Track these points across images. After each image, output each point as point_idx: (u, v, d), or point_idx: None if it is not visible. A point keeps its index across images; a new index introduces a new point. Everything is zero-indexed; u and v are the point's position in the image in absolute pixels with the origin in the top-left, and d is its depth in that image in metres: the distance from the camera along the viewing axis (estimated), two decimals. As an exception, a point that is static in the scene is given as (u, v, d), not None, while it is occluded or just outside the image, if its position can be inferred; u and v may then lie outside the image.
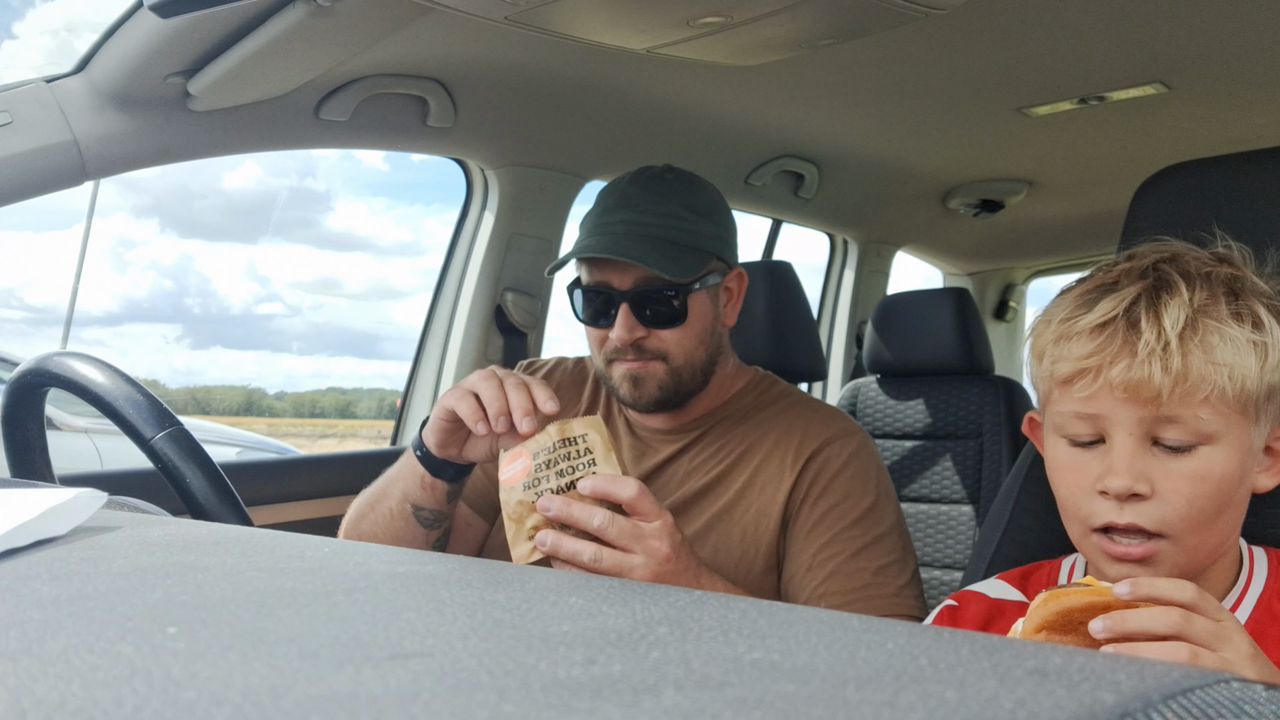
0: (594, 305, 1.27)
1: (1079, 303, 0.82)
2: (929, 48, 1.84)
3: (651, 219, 1.24)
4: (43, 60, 21.23)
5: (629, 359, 1.25)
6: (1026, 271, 4.14)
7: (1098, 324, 0.79)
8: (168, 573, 0.45)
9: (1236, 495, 0.80)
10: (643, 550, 0.98)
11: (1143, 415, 0.77)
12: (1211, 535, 0.79)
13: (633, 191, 1.27)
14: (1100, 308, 0.79)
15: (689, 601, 0.39)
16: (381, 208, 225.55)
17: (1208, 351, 0.76)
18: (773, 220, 3.09)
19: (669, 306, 1.24)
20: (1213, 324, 0.77)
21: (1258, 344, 0.77)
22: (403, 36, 1.62)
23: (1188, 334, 0.76)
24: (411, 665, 0.30)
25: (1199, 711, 0.26)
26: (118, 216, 59.50)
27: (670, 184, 1.29)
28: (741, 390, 1.36)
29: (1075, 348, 0.79)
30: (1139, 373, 0.76)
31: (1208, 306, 0.78)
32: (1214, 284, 0.79)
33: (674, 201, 1.26)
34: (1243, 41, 1.81)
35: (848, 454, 1.26)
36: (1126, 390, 0.77)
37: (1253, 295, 0.80)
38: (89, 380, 0.95)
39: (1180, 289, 0.78)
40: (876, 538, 1.21)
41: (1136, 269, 0.82)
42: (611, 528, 0.97)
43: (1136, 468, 0.77)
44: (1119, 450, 0.78)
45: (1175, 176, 1.05)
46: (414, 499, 1.16)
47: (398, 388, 2.46)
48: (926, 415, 2.34)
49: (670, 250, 1.23)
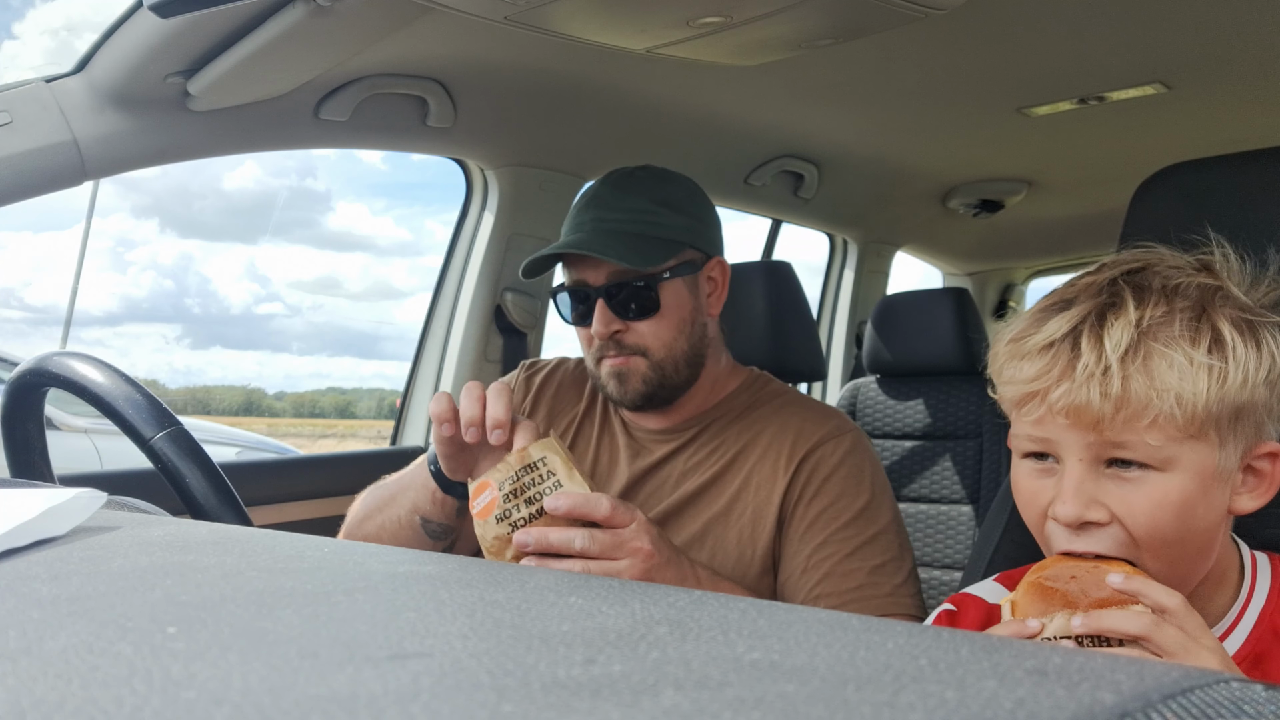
0: (576, 305, 1.30)
1: (1032, 320, 0.79)
2: (929, 48, 1.84)
3: (617, 214, 1.28)
4: (43, 60, 21.20)
5: (612, 355, 1.28)
6: (1026, 271, 4.14)
7: (1044, 345, 0.76)
8: (167, 573, 0.45)
9: (1204, 520, 0.76)
10: (627, 554, 1.00)
11: (1089, 440, 0.75)
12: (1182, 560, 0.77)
13: (602, 191, 1.31)
14: (1048, 328, 0.77)
15: (689, 601, 0.39)
16: (381, 208, 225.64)
17: (1150, 375, 0.72)
18: (773, 220, 3.09)
19: (641, 298, 1.26)
20: (1158, 346, 0.73)
21: (1212, 366, 0.73)
22: (402, 36, 1.62)
23: (1129, 357, 0.73)
24: (411, 665, 0.30)
25: (1199, 711, 0.26)
26: (118, 216, 59.61)
27: (640, 181, 1.32)
28: (736, 390, 1.36)
29: (1021, 370, 0.77)
30: (1078, 396, 0.73)
31: (1158, 326, 0.74)
32: (1176, 299, 0.76)
33: (641, 197, 1.29)
34: (1243, 41, 1.81)
35: (842, 453, 1.26)
36: (1068, 415, 0.74)
37: (1223, 310, 0.76)
38: (89, 380, 0.95)
39: (1128, 308, 0.75)
40: (872, 537, 1.21)
41: (1097, 284, 0.79)
42: (593, 545, 0.99)
43: (1085, 493, 0.75)
44: (1068, 476, 0.76)
45: (1175, 176, 1.05)
46: (423, 512, 1.18)
47: (397, 388, 2.46)
48: (926, 415, 2.34)
49: (634, 242, 1.25)
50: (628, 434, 1.36)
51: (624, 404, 1.30)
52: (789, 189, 2.78)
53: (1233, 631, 0.80)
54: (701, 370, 1.32)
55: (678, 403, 1.33)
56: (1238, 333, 0.75)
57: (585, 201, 1.32)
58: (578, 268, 1.29)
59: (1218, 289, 0.78)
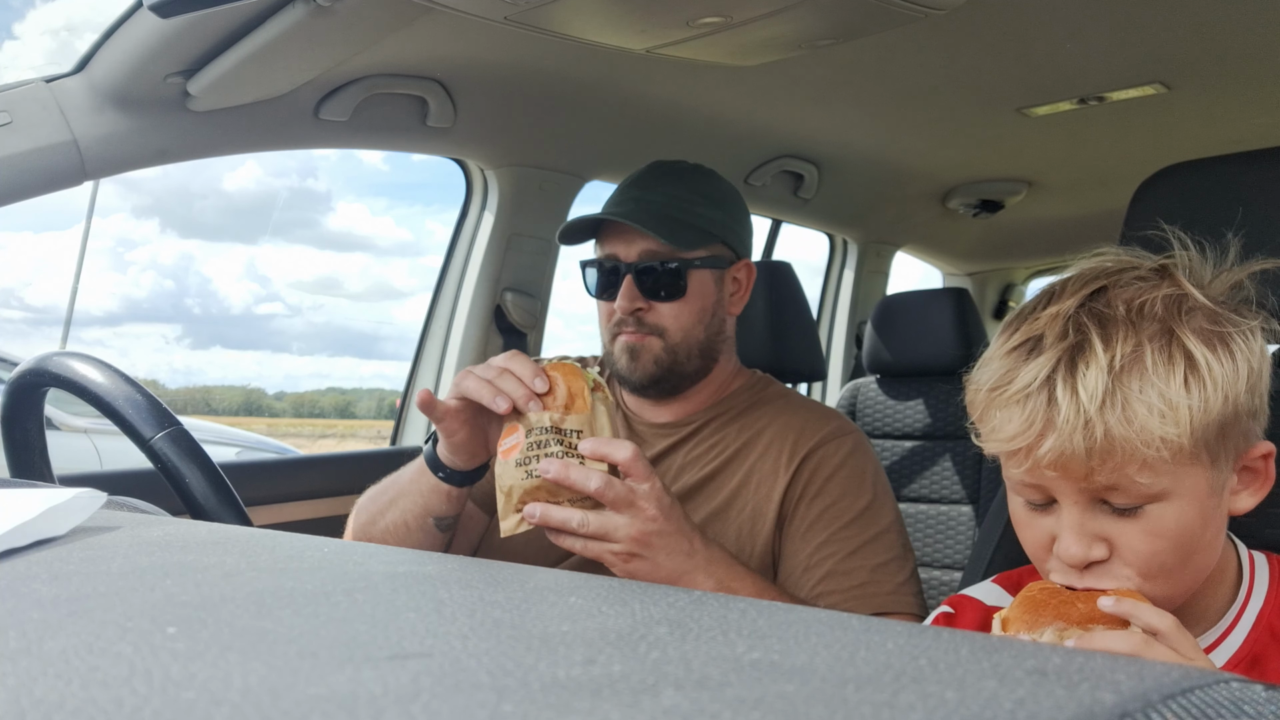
0: (603, 277, 1.32)
1: (1005, 366, 0.78)
2: (929, 48, 1.85)
3: (658, 196, 1.31)
4: (44, 60, 21.20)
5: (629, 330, 1.29)
6: (1026, 271, 4.14)
7: (1020, 396, 0.75)
8: (167, 573, 0.45)
9: (1205, 538, 0.76)
10: (630, 513, 1.00)
11: (1082, 486, 0.74)
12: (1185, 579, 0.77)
13: (646, 175, 1.36)
14: (1022, 377, 0.75)
15: (689, 601, 0.39)
16: (382, 208, 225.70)
17: (1130, 423, 0.71)
18: (772, 220, 3.09)
19: (669, 279, 1.29)
20: (1134, 391, 0.71)
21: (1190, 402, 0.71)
22: (403, 36, 1.62)
23: (1107, 405, 0.71)
24: (411, 665, 0.30)
25: (1198, 712, 0.26)
26: (118, 217, 59.59)
27: (685, 171, 1.36)
28: (738, 390, 1.37)
29: (1002, 423, 0.76)
30: (1064, 450, 0.72)
31: (1131, 366, 0.72)
32: (1143, 323, 0.74)
33: (683, 186, 1.33)
34: (1242, 41, 1.81)
35: (844, 453, 1.26)
36: (1055, 468, 0.73)
37: (1190, 324, 0.74)
38: (88, 380, 0.95)
39: (1096, 350, 0.73)
40: (873, 536, 1.22)
41: (1063, 315, 0.76)
42: (609, 490, 0.99)
43: (1088, 533, 0.75)
44: (1067, 519, 0.76)
45: (1174, 176, 1.05)
46: (437, 512, 1.17)
47: (397, 388, 2.46)
48: (926, 415, 2.34)
49: (671, 224, 1.28)
50: (629, 426, 1.36)
51: (631, 381, 1.31)
52: (789, 189, 2.78)
53: (1230, 633, 0.80)
54: (714, 365, 1.34)
55: (682, 396, 1.33)
56: (1209, 350, 0.73)
57: (629, 182, 1.36)
58: (611, 241, 1.31)
59: (1181, 299, 0.76)
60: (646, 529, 1.01)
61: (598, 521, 1.00)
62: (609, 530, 1.00)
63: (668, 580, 1.07)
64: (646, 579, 1.07)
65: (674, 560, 1.04)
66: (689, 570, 1.06)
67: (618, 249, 1.30)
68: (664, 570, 1.05)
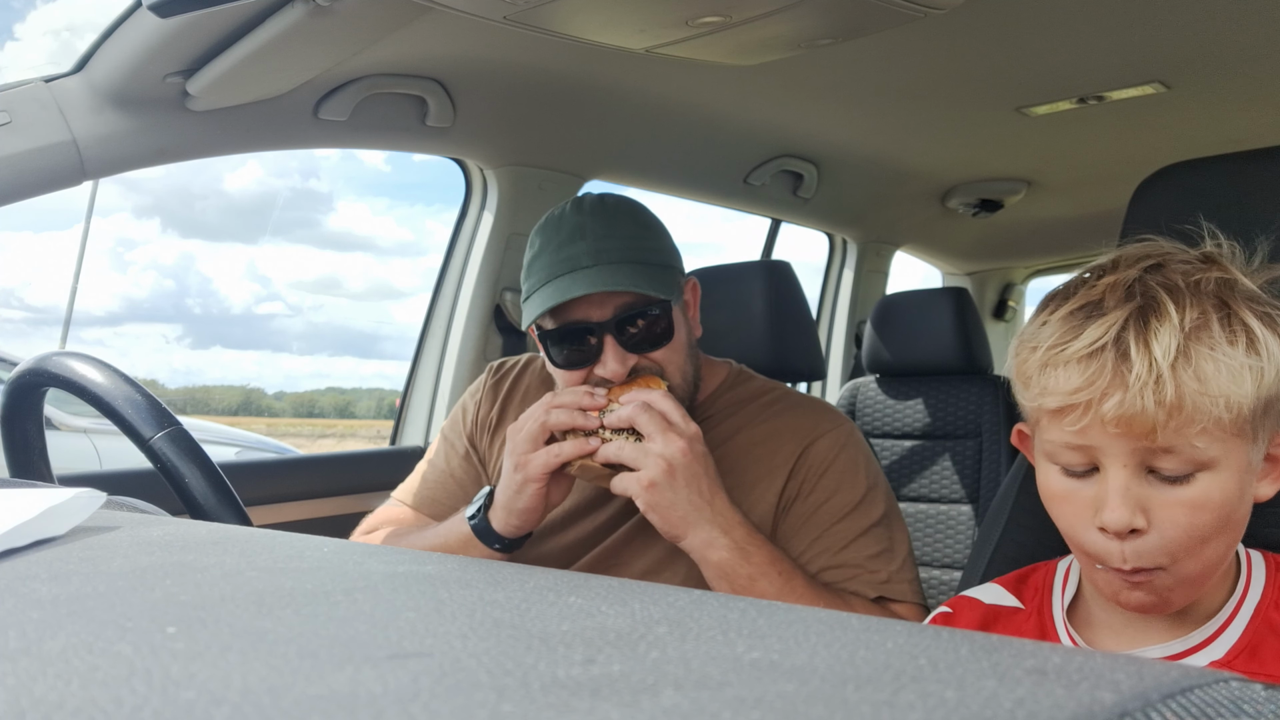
0: (572, 346, 1.21)
1: (1065, 326, 0.77)
2: (929, 48, 1.85)
3: (616, 243, 1.19)
4: (44, 61, 21.23)
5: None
6: (1025, 271, 4.14)
7: (1085, 353, 0.74)
8: (167, 573, 0.45)
9: (1238, 514, 0.77)
10: (664, 439, 1.09)
11: (1136, 447, 0.73)
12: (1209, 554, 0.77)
13: (585, 221, 1.21)
14: (1087, 334, 0.75)
15: (689, 601, 0.39)
16: (382, 208, 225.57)
17: (1202, 381, 0.71)
18: (772, 220, 3.09)
19: (656, 326, 1.20)
20: (1205, 350, 0.72)
21: (1252, 366, 0.72)
22: (402, 36, 1.62)
23: (1180, 363, 0.72)
24: (411, 665, 0.30)
25: (1198, 711, 0.26)
26: (119, 216, 59.55)
27: (617, 207, 1.24)
28: (718, 388, 1.36)
29: (1063, 380, 0.75)
30: (1132, 406, 0.72)
31: (1199, 329, 0.73)
32: (1203, 297, 0.75)
33: (628, 223, 1.23)
34: (1242, 41, 1.81)
35: (837, 447, 1.27)
36: (1119, 425, 0.73)
37: (1243, 302, 0.76)
38: (88, 380, 0.95)
39: (1169, 311, 0.73)
40: (868, 527, 1.23)
41: (1123, 284, 0.77)
42: (643, 412, 1.10)
43: (1132, 500, 0.74)
44: (1113, 484, 0.75)
45: (1174, 176, 1.05)
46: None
47: (397, 387, 2.46)
48: (925, 415, 2.34)
49: (643, 270, 1.19)
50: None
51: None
52: (788, 189, 2.78)
53: (1230, 624, 0.81)
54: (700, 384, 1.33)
55: None
56: (1265, 326, 0.75)
57: (568, 234, 1.20)
58: (574, 307, 1.19)
59: (1232, 282, 0.77)
60: (674, 456, 1.08)
61: (631, 447, 1.09)
62: (638, 455, 1.08)
63: (681, 524, 1.10)
64: (664, 516, 1.11)
65: (692, 503, 1.10)
66: (705, 521, 1.10)
67: (588, 312, 1.18)
68: (679, 510, 1.09)
